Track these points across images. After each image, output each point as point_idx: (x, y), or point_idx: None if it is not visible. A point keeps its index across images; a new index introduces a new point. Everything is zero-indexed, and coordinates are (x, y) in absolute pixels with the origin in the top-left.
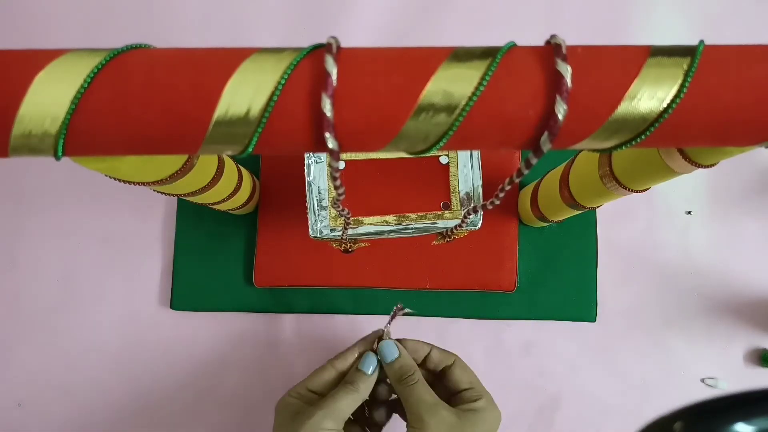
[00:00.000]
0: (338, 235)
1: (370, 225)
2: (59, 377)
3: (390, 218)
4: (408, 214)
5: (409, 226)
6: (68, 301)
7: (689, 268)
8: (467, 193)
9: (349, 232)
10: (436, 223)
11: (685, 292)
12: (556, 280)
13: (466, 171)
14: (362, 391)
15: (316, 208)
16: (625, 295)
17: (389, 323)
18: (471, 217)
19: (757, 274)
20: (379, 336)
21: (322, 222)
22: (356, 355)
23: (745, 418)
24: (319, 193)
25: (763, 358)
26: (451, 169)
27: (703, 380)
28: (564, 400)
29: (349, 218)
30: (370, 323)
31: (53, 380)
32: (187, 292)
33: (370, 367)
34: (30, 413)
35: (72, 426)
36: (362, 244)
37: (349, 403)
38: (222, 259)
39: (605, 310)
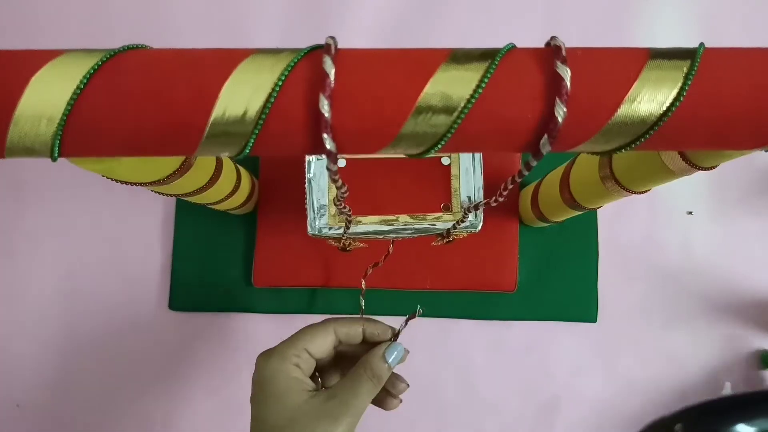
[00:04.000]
0: (337, 234)
1: (369, 224)
2: (58, 377)
3: (389, 218)
4: (407, 215)
5: (408, 227)
6: (67, 300)
7: (690, 269)
8: (468, 196)
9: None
10: (435, 225)
11: (686, 292)
12: (557, 280)
13: (468, 173)
14: (382, 384)
15: (316, 205)
16: (626, 296)
17: (405, 324)
18: (470, 216)
19: (757, 275)
20: (395, 333)
21: (321, 219)
22: (361, 330)
23: (746, 419)
24: (320, 190)
25: (763, 359)
26: (453, 171)
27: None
28: (564, 401)
29: (350, 216)
30: None
31: (52, 380)
32: (185, 292)
33: (398, 358)
34: (29, 413)
35: (70, 426)
36: (359, 245)
37: (369, 398)
38: (221, 259)
39: (606, 310)
